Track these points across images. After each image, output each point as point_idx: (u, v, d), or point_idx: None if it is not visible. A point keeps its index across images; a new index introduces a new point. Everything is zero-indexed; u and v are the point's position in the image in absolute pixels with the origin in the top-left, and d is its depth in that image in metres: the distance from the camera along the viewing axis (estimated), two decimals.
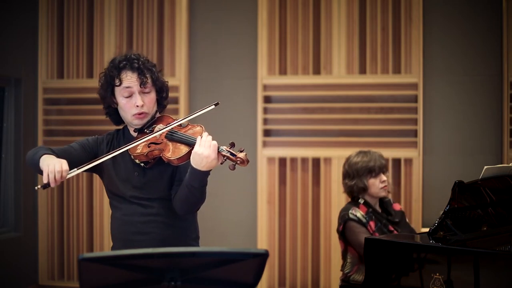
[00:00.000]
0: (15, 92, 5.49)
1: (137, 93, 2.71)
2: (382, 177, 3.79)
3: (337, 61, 5.15)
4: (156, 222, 2.72)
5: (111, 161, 2.73)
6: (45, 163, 2.53)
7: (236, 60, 5.40)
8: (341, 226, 3.75)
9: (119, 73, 2.72)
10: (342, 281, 3.81)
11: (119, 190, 2.77)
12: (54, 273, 5.58)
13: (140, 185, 2.73)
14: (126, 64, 2.73)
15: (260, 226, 5.25)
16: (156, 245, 2.69)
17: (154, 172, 2.73)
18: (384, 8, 5.12)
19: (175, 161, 2.60)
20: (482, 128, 5.05)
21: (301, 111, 5.23)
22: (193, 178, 2.56)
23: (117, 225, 2.83)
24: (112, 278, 1.88)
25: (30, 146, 5.54)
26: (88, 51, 5.53)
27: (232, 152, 2.53)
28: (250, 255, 1.93)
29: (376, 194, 3.81)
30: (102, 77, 2.80)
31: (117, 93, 2.74)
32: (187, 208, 2.68)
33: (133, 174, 2.74)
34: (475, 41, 5.07)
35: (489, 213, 3.26)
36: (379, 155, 3.85)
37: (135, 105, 2.70)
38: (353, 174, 3.81)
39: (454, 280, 2.76)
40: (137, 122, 2.74)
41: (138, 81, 2.71)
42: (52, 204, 5.58)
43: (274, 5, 5.25)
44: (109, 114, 2.84)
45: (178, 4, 5.37)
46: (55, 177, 2.48)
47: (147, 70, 2.74)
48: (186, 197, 2.61)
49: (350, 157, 3.87)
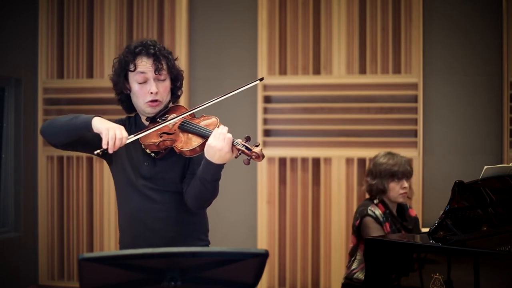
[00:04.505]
0: (15, 92, 5.49)
1: (152, 79, 2.65)
2: (403, 183, 3.79)
3: (337, 61, 5.16)
4: (166, 218, 2.65)
5: (124, 148, 2.63)
6: (104, 126, 2.49)
7: (236, 60, 5.40)
8: (358, 221, 3.75)
9: (134, 58, 2.66)
10: (345, 278, 3.80)
11: (130, 179, 2.68)
12: (54, 273, 5.58)
13: (150, 176, 2.66)
14: (142, 49, 2.66)
15: (260, 226, 5.25)
16: (165, 241, 2.64)
17: (165, 163, 2.66)
18: (384, 8, 5.12)
19: (187, 153, 2.55)
20: (482, 128, 5.05)
21: (301, 111, 5.23)
22: (206, 171, 2.51)
23: (125, 219, 2.73)
24: (112, 278, 1.88)
25: (30, 146, 5.55)
26: (88, 51, 5.53)
27: (247, 146, 2.47)
28: (250, 255, 1.93)
29: (394, 199, 3.82)
30: (115, 62, 2.72)
31: (130, 79, 2.68)
32: (199, 202, 2.61)
33: (142, 164, 2.67)
34: (475, 41, 5.06)
35: (489, 213, 3.26)
36: (405, 160, 3.85)
37: (149, 92, 2.64)
38: (376, 173, 3.81)
39: (454, 280, 2.76)
40: (149, 110, 2.68)
41: (154, 67, 2.65)
42: (52, 204, 5.58)
43: (274, 5, 5.25)
44: (121, 101, 2.77)
45: (178, 4, 5.37)
46: (115, 144, 2.45)
47: (163, 57, 2.68)
48: (199, 190, 2.55)
49: (377, 156, 3.88)
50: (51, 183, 5.58)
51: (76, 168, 5.53)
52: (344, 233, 5.09)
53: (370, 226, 3.69)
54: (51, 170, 5.58)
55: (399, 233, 3.77)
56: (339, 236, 5.10)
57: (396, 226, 3.78)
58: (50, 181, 5.58)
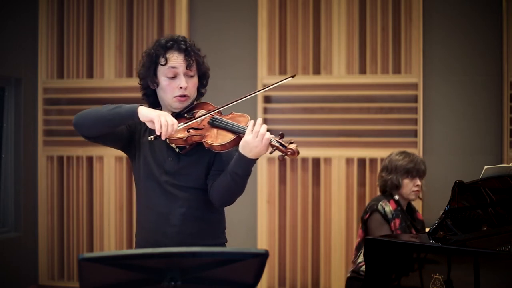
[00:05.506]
0: (15, 92, 5.49)
1: (182, 74, 2.66)
2: (417, 181, 3.86)
3: (337, 61, 5.16)
4: (187, 215, 2.64)
5: (148, 143, 2.65)
6: (154, 113, 2.49)
7: (236, 60, 5.40)
8: (367, 215, 3.79)
9: (165, 52, 2.66)
10: (352, 272, 3.81)
11: (153, 174, 2.66)
12: (54, 273, 5.58)
13: (173, 171, 2.64)
14: (174, 44, 2.67)
15: (260, 226, 5.25)
16: (185, 237, 2.63)
17: (189, 159, 2.64)
18: (384, 8, 5.12)
19: (218, 148, 2.53)
20: (482, 128, 5.05)
21: (301, 111, 5.23)
22: (238, 165, 2.50)
23: (145, 214, 2.70)
24: (112, 278, 1.88)
25: (30, 146, 5.55)
26: (88, 51, 5.53)
27: (282, 143, 2.48)
28: (250, 255, 1.93)
29: (406, 195, 3.86)
30: (144, 56, 2.72)
31: (159, 73, 2.67)
32: (225, 198, 2.61)
33: (166, 158, 2.65)
34: (475, 41, 5.07)
35: (489, 213, 3.26)
36: (421, 160, 3.93)
37: (179, 87, 2.64)
38: (391, 169, 3.88)
39: (454, 280, 2.76)
40: (177, 104, 2.67)
41: (185, 63, 2.66)
42: (52, 204, 5.58)
43: (274, 5, 5.25)
44: (146, 95, 2.76)
45: (178, 4, 5.37)
46: (168, 130, 2.45)
47: (193, 53, 2.70)
48: (228, 185, 2.54)
49: (393, 153, 3.95)
50: (51, 183, 5.58)
51: (76, 168, 5.53)
52: (344, 233, 5.09)
53: (377, 223, 3.74)
54: (51, 170, 5.58)
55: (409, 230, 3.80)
56: (339, 236, 5.10)
57: (407, 223, 3.81)
58: (50, 181, 5.58)
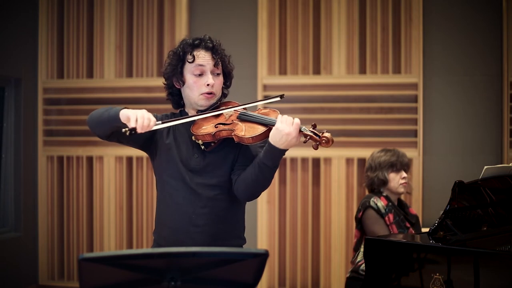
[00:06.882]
0: (15, 92, 5.49)
1: (209, 72, 2.69)
2: (402, 174, 3.90)
3: (337, 61, 5.16)
4: (210, 214, 2.63)
5: (173, 140, 2.66)
6: (131, 111, 2.48)
7: (236, 60, 5.34)
8: (360, 213, 3.82)
9: (192, 50, 2.69)
10: (351, 271, 3.81)
11: (179, 172, 2.65)
12: (54, 273, 5.58)
13: (199, 168, 2.64)
14: (201, 42, 2.70)
15: (260, 226, 5.24)
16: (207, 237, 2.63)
17: (215, 155, 2.65)
18: (384, 8, 5.12)
19: (249, 140, 2.53)
20: (482, 128, 5.05)
21: (301, 111, 5.23)
22: (268, 156, 2.51)
23: (168, 213, 2.69)
24: (112, 278, 1.88)
25: (30, 146, 5.55)
26: (88, 51, 5.53)
27: (315, 132, 2.51)
28: (250, 255, 1.93)
29: (395, 189, 3.89)
30: (171, 54, 2.74)
31: (186, 71, 2.69)
32: (251, 190, 2.59)
33: (192, 156, 2.65)
34: (475, 41, 5.07)
35: (489, 213, 3.26)
36: (402, 153, 3.97)
37: (206, 84, 2.67)
38: (375, 166, 3.92)
39: (454, 280, 2.76)
40: (204, 102, 2.69)
41: (212, 61, 2.70)
42: (52, 204, 5.58)
43: (274, 5, 5.25)
44: (171, 95, 2.77)
45: (178, 4, 5.37)
46: (144, 123, 2.44)
47: (220, 52, 2.74)
48: (256, 177, 2.54)
49: (374, 152, 4.01)
50: (51, 183, 5.58)
51: (76, 168, 5.53)
52: (344, 233, 5.09)
53: (372, 219, 3.76)
54: (51, 170, 5.58)
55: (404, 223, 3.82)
56: (339, 236, 5.10)
57: (400, 217, 3.82)
58: (50, 181, 5.58)
